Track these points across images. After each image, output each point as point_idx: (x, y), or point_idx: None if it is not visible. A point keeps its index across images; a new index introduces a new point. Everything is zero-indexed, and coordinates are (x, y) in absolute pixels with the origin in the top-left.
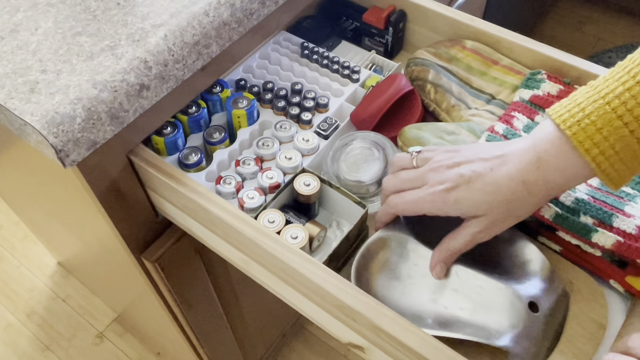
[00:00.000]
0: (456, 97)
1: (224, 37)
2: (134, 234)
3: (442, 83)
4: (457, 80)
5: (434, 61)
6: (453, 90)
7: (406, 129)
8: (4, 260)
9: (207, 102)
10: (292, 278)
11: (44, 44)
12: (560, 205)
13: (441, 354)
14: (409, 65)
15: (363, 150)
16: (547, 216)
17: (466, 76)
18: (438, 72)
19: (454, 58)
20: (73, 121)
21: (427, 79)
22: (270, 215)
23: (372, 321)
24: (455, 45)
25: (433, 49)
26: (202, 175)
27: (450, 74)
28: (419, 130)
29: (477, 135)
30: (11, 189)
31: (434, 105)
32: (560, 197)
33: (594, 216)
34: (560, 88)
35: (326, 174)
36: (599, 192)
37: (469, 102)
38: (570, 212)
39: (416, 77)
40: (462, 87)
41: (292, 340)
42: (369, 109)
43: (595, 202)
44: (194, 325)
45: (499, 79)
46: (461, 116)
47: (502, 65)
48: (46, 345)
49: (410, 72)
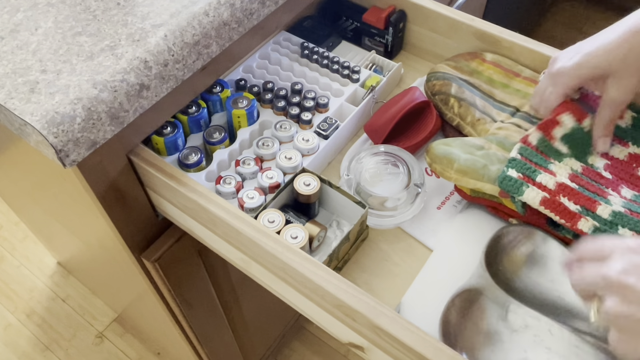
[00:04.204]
0: (481, 111)
1: (224, 37)
2: (134, 234)
3: (465, 97)
4: (480, 93)
5: (456, 74)
6: (477, 104)
7: (434, 146)
8: (4, 260)
9: (207, 102)
10: (292, 278)
11: (44, 44)
12: (598, 219)
13: (441, 354)
14: (430, 80)
15: (386, 164)
16: (585, 230)
17: (489, 89)
18: (460, 85)
19: (475, 71)
20: (73, 121)
21: (449, 92)
22: (270, 215)
23: (371, 321)
24: (475, 59)
25: (453, 62)
26: (202, 175)
27: (473, 87)
28: (448, 147)
29: (507, 149)
30: (11, 189)
31: (458, 119)
32: (597, 209)
33: (632, 229)
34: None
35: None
36: (635, 204)
37: (494, 115)
38: (608, 225)
39: (438, 91)
40: (486, 101)
41: (292, 340)
42: (382, 119)
43: (632, 214)
44: (194, 325)
45: (521, 91)
46: (487, 129)
47: (524, 77)
48: (46, 345)
49: (432, 87)
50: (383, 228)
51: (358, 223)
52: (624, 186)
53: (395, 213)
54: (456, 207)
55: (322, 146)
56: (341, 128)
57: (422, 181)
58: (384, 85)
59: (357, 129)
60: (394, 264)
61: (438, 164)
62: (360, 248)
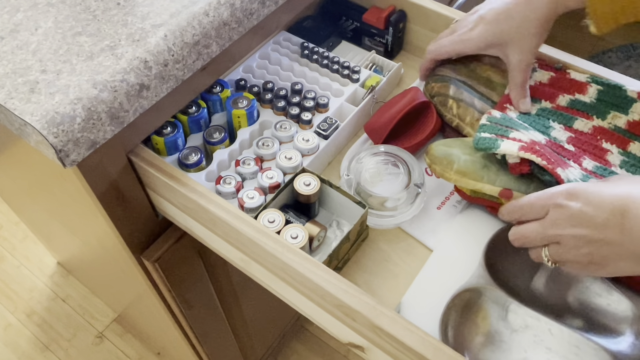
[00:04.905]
0: (479, 111)
1: (224, 37)
2: (134, 234)
3: (463, 97)
4: (479, 94)
5: (453, 76)
6: (475, 104)
7: (433, 147)
8: (4, 260)
9: (207, 102)
10: (292, 278)
11: (44, 44)
12: None
13: (441, 354)
14: (428, 83)
15: (386, 164)
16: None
17: (487, 90)
18: (458, 87)
19: (473, 72)
20: (73, 121)
21: (448, 94)
22: (270, 215)
23: (371, 321)
24: (474, 60)
25: (451, 64)
26: (202, 175)
27: (471, 88)
28: (448, 147)
29: None
30: (11, 189)
31: (457, 120)
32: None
33: None
34: (552, 75)
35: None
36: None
37: None
38: None
39: (437, 93)
40: (485, 102)
41: (292, 340)
42: (382, 119)
43: None
44: (194, 325)
45: None
46: None
47: None
48: (46, 345)
49: (430, 89)
50: (383, 228)
51: (358, 223)
52: (586, 157)
53: (395, 213)
54: (456, 207)
55: (322, 146)
56: (341, 128)
57: (422, 181)
58: (384, 86)
59: (357, 129)
60: (394, 264)
61: (438, 165)
62: (360, 248)
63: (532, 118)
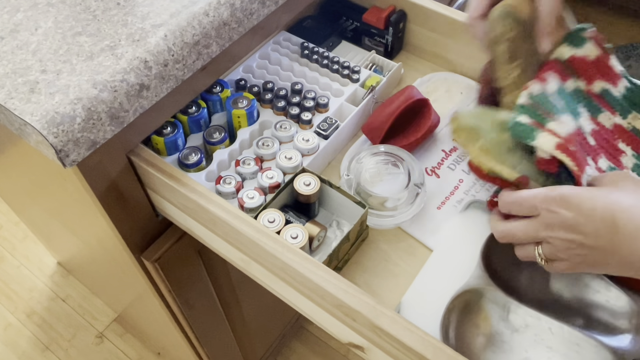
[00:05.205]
0: None
1: (224, 37)
2: (134, 234)
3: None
4: None
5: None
6: None
7: (463, 115)
8: (4, 260)
9: (207, 102)
10: (292, 278)
11: (44, 44)
12: None
13: (441, 354)
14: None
15: (386, 164)
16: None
17: None
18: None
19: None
20: (73, 121)
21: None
22: (270, 215)
23: (371, 321)
24: None
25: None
26: (202, 175)
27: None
28: (477, 119)
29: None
30: (11, 189)
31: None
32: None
33: None
34: (600, 54)
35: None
36: None
37: None
38: None
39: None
40: None
41: (292, 340)
42: (379, 119)
43: None
44: (194, 325)
45: None
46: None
47: None
48: (46, 345)
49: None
50: (383, 228)
51: (358, 223)
52: (602, 155)
53: (395, 213)
54: (456, 207)
55: (322, 146)
56: (341, 128)
57: (422, 181)
58: (384, 85)
59: (357, 129)
60: (394, 264)
61: (463, 135)
62: (360, 248)
63: (568, 97)
